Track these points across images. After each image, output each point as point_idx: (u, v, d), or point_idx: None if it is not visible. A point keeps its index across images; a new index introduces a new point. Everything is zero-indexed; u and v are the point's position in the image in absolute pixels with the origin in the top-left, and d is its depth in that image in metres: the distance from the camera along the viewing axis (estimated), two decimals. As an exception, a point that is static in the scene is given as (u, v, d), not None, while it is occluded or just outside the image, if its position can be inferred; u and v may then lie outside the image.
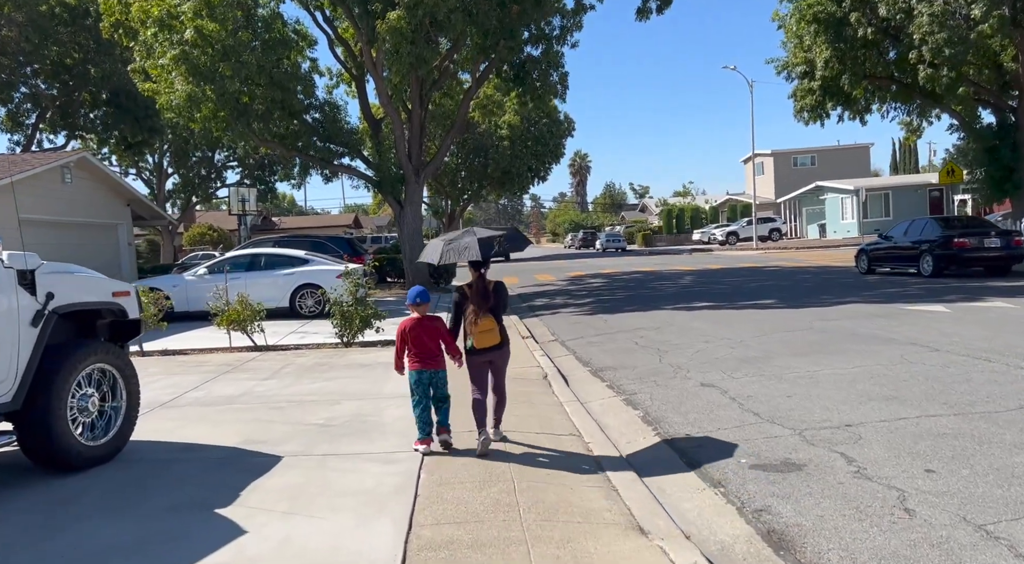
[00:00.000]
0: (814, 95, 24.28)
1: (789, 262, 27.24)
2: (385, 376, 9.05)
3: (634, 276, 24.85)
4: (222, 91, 18.47)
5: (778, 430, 5.79)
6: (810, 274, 21.04)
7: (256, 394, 8.18)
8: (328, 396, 7.94)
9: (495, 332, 5.52)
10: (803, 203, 53.14)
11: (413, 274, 22.00)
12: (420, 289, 5.79)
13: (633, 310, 14.92)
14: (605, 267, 31.40)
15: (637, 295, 18.16)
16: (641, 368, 8.90)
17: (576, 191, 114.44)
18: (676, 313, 13.82)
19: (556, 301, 18.58)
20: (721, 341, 10.23)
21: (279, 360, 10.71)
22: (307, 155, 20.98)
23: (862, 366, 7.85)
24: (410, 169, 21.75)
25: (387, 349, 11.41)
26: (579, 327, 13.20)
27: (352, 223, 62.14)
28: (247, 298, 11.97)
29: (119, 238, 19.55)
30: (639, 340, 11.03)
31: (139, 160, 40.64)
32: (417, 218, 22.45)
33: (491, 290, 5.55)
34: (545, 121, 47.33)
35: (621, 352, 10.16)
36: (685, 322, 12.51)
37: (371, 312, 11.91)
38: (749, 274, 22.46)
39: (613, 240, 54.99)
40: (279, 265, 16.24)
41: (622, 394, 7.69)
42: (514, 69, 19.76)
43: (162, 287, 15.70)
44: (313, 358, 10.82)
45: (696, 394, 7.28)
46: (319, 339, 12.65)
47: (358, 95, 23.08)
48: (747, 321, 12.05)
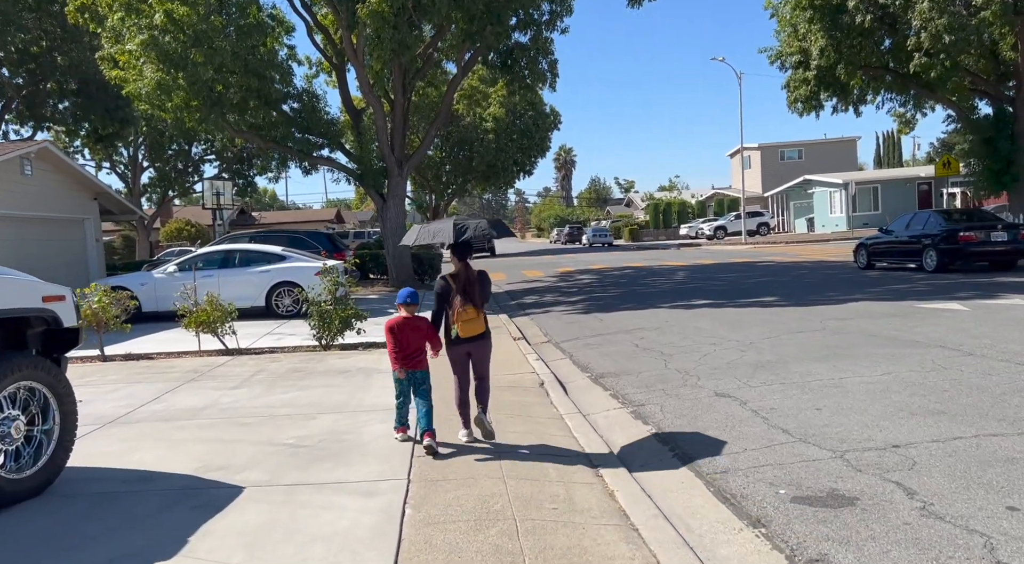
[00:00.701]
0: (809, 85, 23.67)
1: (782, 257, 26.67)
2: (366, 384, 8.26)
3: (625, 272, 24.16)
4: (194, 79, 17.51)
5: (815, 451, 5.07)
6: (807, 269, 20.43)
7: (222, 407, 7.35)
8: (302, 409, 7.14)
9: (479, 321, 5.55)
10: (791, 197, 52.76)
11: (396, 270, 21.18)
12: (410, 291, 5.83)
13: (629, 308, 14.20)
14: (594, 263, 30.70)
15: (631, 292, 17.45)
16: (646, 374, 8.17)
17: (561, 186, 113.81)
18: (675, 312, 13.11)
19: (546, 299, 17.84)
20: (729, 343, 9.52)
21: (251, 365, 9.88)
22: (285, 147, 20.06)
23: (892, 373, 7.15)
24: (393, 161, 20.89)
25: (369, 352, 10.63)
26: (574, 327, 12.46)
27: (334, 218, 61.11)
28: (217, 298, 11.13)
29: (86, 234, 18.53)
30: (639, 342, 10.30)
31: (113, 153, 39.43)
32: (400, 212, 21.61)
33: (476, 279, 5.57)
34: (531, 114, 46.53)
35: (622, 356, 9.43)
36: (686, 322, 11.80)
37: (351, 312, 11.13)
38: (744, 270, 21.84)
39: (600, 235, 54.34)
40: (254, 262, 15.37)
41: (628, 405, 6.95)
42: (501, 56, 18.94)
43: (129, 286, 14.80)
44: (288, 363, 9.99)
45: (712, 406, 6.55)
46: (296, 341, 11.83)
47: (338, 85, 22.16)
48: (753, 321, 11.36)
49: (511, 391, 7.69)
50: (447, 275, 5.68)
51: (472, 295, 5.51)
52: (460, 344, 5.62)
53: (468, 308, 5.47)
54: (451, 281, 5.58)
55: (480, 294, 5.59)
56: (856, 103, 24.73)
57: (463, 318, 5.47)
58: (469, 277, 5.56)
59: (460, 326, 5.50)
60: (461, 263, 5.60)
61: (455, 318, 5.50)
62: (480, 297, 5.59)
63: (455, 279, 5.57)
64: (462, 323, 5.49)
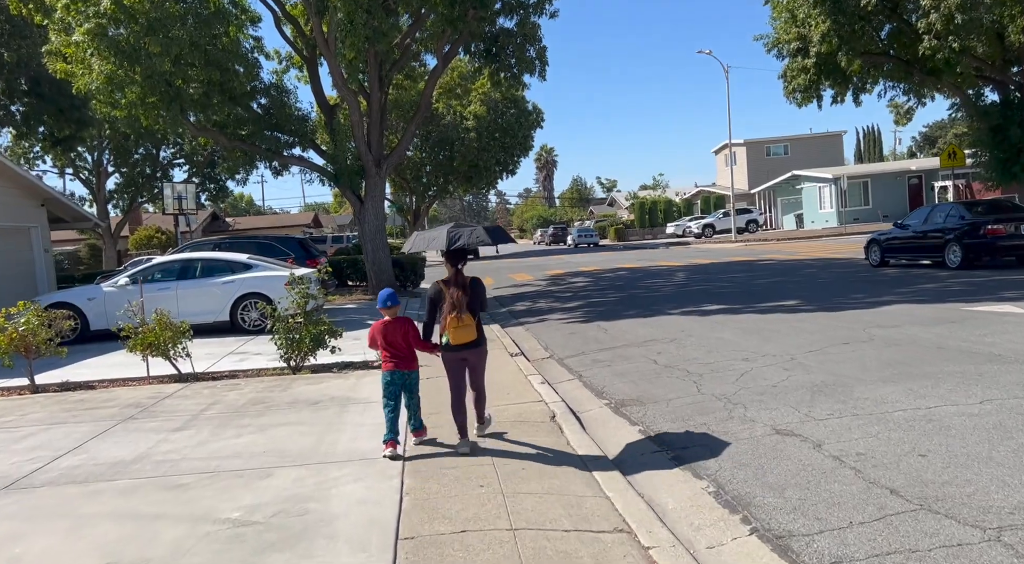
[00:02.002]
0: (808, 74, 22.48)
1: (781, 255, 25.47)
2: (339, 421, 6.80)
3: (619, 274, 22.83)
4: (149, 72, 15.91)
5: (953, 528, 3.70)
6: (815, 268, 19.21)
7: (157, 459, 5.87)
8: (256, 460, 5.68)
9: (472, 328, 5.43)
10: (778, 193, 51.83)
11: (376, 276, 19.68)
12: (389, 292, 5.70)
13: (634, 316, 12.84)
14: (584, 264, 29.36)
15: (632, 297, 16.09)
16: (677, 402, 6.79)
17: (543, 186, 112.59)
18: (688, 320, 11.75)
19: (540, 305, 16.44)
20: (765, 359, 8.17)
21: (205, 396, 8.38)
22: (252, 145, 18.50)
23: (993, 400, 5.81)
24: (370, 160, 19.39)
25: (344, 376, 9.18)
26: (576, 339, 11.06)
27: (311, 222, 59.30)
28: (167, 316, 9.61)
29: (32, 243, 16.84)
30: (657, 357, 8.92)
31: (76, 158, 37.53)
32: (379, 215, 20.11)
33: (468, 285, 5.47)
34: (513, 112, 45.18)
35: (641, 376, 8.04)
36: (705, 331, 10.45)
37: (324, 328, 9.66)
38: (746, 269, 20.59)
39: (585, 235, 53.06)
40: (217, 272, 13.81)
41: (666, 447, 5.56)
42: (486, 43, 17.50)
43: (74, 301, 13.20)
44: (249, 391, 8.50)
45: (778, 450, 5.17)
46: (262, 362, 10.35)
47: (310, 80, 20.59)
48: (782, 329, 10.03)
49: (519, 429, 6.27)
50: (440, 281, 5.57)
51: (466, 301, 5.39)
52: (452, 351, 5.51)
53: (460, 315, 5.36)
54: (443, 286, 5.49)
55: (473, 301, 5.46)
56: (858, 91, 23.58)
57: (454, 325, 5.36)
58: (461, 283, 5.45)
59: (451, 333, 5.38)
60: (453, 269, 5.49)
61: (446, 325, 5.39)
62: (472, 304, 5.45)
63: (447, 285, 5.47)
64: (453, 330, 5.37)
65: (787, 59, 23.58)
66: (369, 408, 7.29)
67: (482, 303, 5.64)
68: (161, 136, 25.63)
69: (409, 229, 51.76)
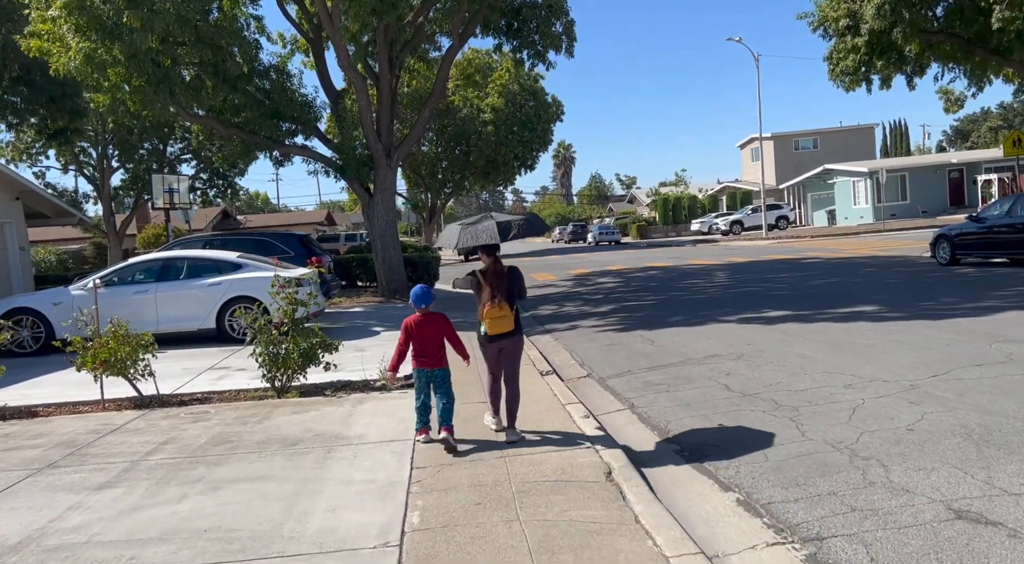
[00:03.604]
0: (859, 53, 20.47)
1: (824, 252, 23.46)
2: (319, 474, 5.06)
3: (651, 273, 20.95)
4: (132, 50, 14.27)
5: None
6: (872, 266, 17.25)
7: (49, 544, 4.13)
8: (190, 548, 3.94)
9: (509, 319, 5.35)
10: (808, 188, 49.64)
11: (387, 277, 17.97)
12: (423, 289, 5.58)
13: (681, 323, 11.01)
14: (609, 263, 27.49)
15: (671, 299, 14.24)
16: (778, 451, 4.97)
17: (561, 183, 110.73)
18: (749, 329, 9.91)
19: (568, 308, 14.64)
20: (875, 386, 6.33)
21: (160, 430, 6.67)
22: (251, 133, 16.84)
23: None
24: (379, 149, 17.68)
25: (338, 401, 7.45)
26: (618, 352, 9.26)
27: (325, 220, 57.92)
28: (126, 327, 7.92)
29: (6, 240, 15.27)
30: (727, 380, 7.10)
31: (80, 153, 36.28)
32: (390, 209, 18.39)
33: (506, 274, 5.40)
34: (532, 104, 43.43)
35: (714, 408, 6.23)
36: (777, 345, 8.60)
37: (316, 341, 7.98)
38: (792, 268, 18.65)
39: (606, 233, 51.13)
40: (203, 272, 12.14)
41: (792, 536, 3.75)
42: (507, 17, 15.69)
43: (37, 307, 11.58)
44: (216, 423, 6.78)
45: (974, 550, 3.35)
46: (243, 380, 8.66)
47: (315, 63, 18.90)
48: (878, 343, 8.17)
49: (560, 490, 4.49)
50: (477, 271, 5.50)
51: (502, 291, 5.32)
52: (490, 342, 5.43)
53: (498, 305, 5.29)
54: (480, 277, 5.43)
55: (512, 290, 5.38)
56: (910, 75, 21.53)
57: (492, 315, 5.31)
58: (499, 272, 5.40)
59: (488, 323, 5.33)
60: (491, 258, 5.41)
61: (484, 315, 5.34)
62: (512, 293, 5.37)
63: (485, 275, 5.41)
64: (491, 320, 5.32)
65: (834, 39, 21.59)
66: (362, 453, 5.56)
67: (521, 291, 5.49)
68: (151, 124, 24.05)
69: (424, 227, 50.09)
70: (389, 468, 5.17)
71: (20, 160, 35.10)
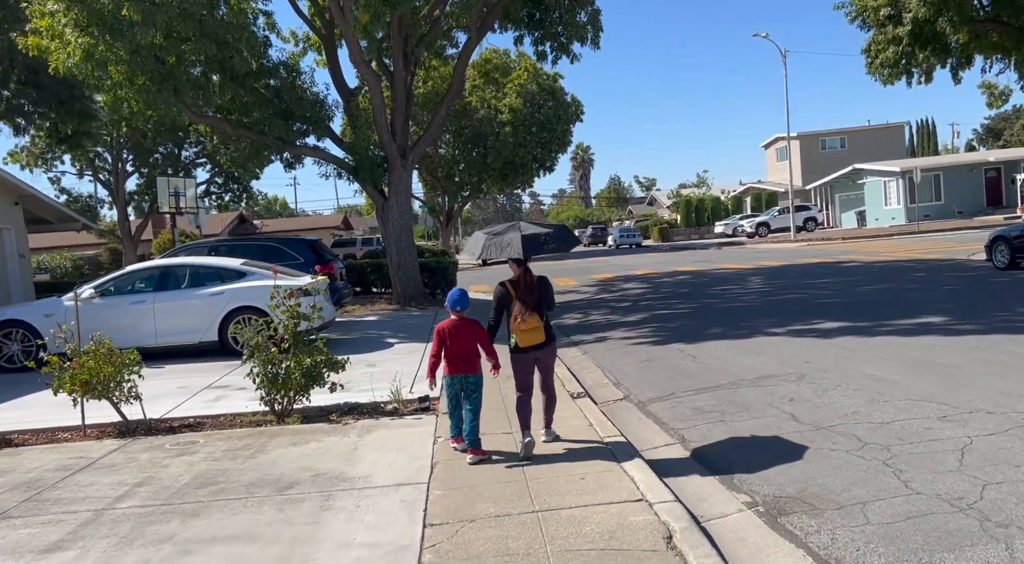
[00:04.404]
0: (900, 45, 19.32)
1: (861, 255, 22.28)
2: (314, 530, 4.15)
3: (680, 278, 19.91)
4: (134, 47, 13.54)
5: None
6: (922, 271, 16.12)
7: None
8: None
9: (540, 330, 5.20)
10: (836, 189, 48.22)
11: (402, 283, 17.11)
12: (460, 292, 5.47)
13: (723, 335, 10.01)
14: (633, 267, 26.46)
15: (706, 308, 13.23)
16: (878, 508, 3.99)
17: (579, 186, 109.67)
18: (804, 344, 8.89)
19: (594, 317, 13.68)
20: (977, 418, 5.32)
21: (139, 465, 5.81)
22: (259, 133, 16.05)
23: None
24: (394, 149, 16.82)
25: (343, 428, 6.56)
26: (656, 370, 8.29)
27: (341, 224, 57.28)
28: (109, 344, 7.10)
29: (4, 246, 14.57)
30: (794, 409, 6.11)
31: (95, 158, 35.94)
32: (405, 212, 17.53)
33: (536, 285, 5.26)
34: (551, 104, 42.41)
35: (782, 445, 5.25)
36: (840, 363, 7.59)
37: (322, 359, 7.14)
38: (832, 273, 17.53)
39: (627, 235, 50.01)
40: (205, 281, 11.33)
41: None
42: (529, 7, 14.76)
43: (27, 319, 10.81)
44: (203, 458, 5.90)
45: None
46: (241, 402, 7.80)
47: (327, 60, 18.11)
48: (962, 363, 7.13)
49: (612, 559, 3.54)
50: (506, 281, 5.34)
51: (533, 302, 5.19)
52: (521, 353, 5.29)
53: (529, 317, 5.16)
54: (510, 287, 5.28)
55: (540, 302, 5.23)
56: (956, 67, 20.34)
57: (523, 328, 5.16)
58: (529, 283, 5.24)
59: (520, 335, 5.19)
60: (520, 268, 5.26)
61: (515, 327, 5.20)
62: (541, 304, 5.24)
63: (515, 285, 5.26)
64: (521, 333, 5.17)
65: (872, 30, 20.46)
66: (366, 501, 4.66)
67: (549, 303, 5.37)
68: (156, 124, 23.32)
69: (441, 231, 49.26)
70: (397, 524, 4.25)
71: (36, 165, 34.78)
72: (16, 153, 33.51)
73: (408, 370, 9.19)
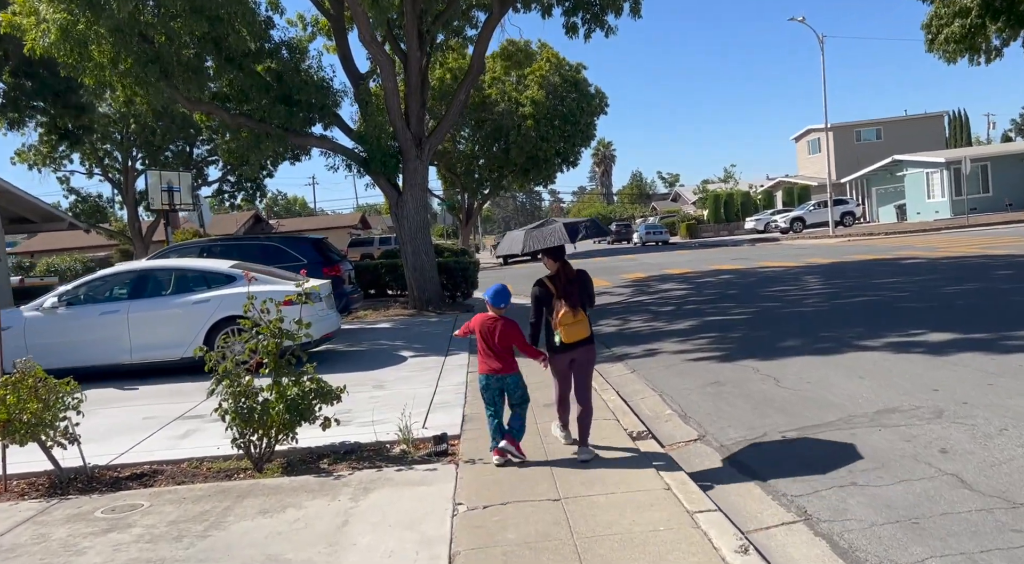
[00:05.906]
0: (968, 16, 17.36)
1: (918, 251, 20.29)
2: None
3: (723, 278, 18.11)
4: (115, 23, 12.06)
5: None
6: (1005, 268, 14.21)
7: None
8: None
9: (585, 324, 5.04)
10: (873, 182, 45.95)
11: (418, 285, 15.50)
12: (500, 287, 5.17)
13: (803, 349, 8.25)
14: (666, 266, 24.65)
15: (767, 313, 11.45)
16: None
17: (601, 182, 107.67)
18: (914, 362, 7.12)
19: (635, 323, 11.97)
20: None
21: (50, 551, 4.23)
22: (259, 121, 14.52)
23: None
24: (408, 139, 15.22)
25: (333, 486, 4.90)
26: (730, 396, 6.58)
27: (359, 222, 55.98)
28: (38, 371, 5.57)
29: (-22, 250, 13.16)
30: (952, 466, 4.39)
31: (105, 156, 34.89)
32: (421, 208, 15.92)
33: (576, 278, 5.13)
34: (574, 96, 40.68)
35: (961, 530, 3.55)
36: (986, 393, 5.83)
37: (311, 389, 5.58)
38: (896, 271, 15.66)
39: (654, 232, 48.14)
40: (188, 286, 9.77)
41: None
42: (558, -26, 13.09)
43: (-22, 332, 9.28)
44: (137, 537, 4.30)
45: None
46: (213, 439, 6.24)
47: (337, 44, 16.54)
48: None
49: None
50: (544, 278, 5.17)
51: (575, 297, 5.02)
52: (563, 351, 5.06)
53: (573, 311, 4.95)
54: (550, 284, 5.10)
55: (583, 294, 5.09)
56: (1029, 41, 18.34)
57: (567, 321, 4.95)
58: (569, 277, 5.10)
59: (564, 331, 4.96)
60: (558, 263, 5.12)
61: (558, 323, 4.98)
62: (584, 298, 5.09)
63: (554, 281, 5.09)
64: (565, 328, 4.95)
65: (933, 3, 18.52)
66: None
67: (591, 297, 5.25)
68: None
69: (461, 229, 47.67)
70: None
71: (44, 165, 33.77)
72: (24, 152, 32.52)
73: (423, 393, 7.59)
